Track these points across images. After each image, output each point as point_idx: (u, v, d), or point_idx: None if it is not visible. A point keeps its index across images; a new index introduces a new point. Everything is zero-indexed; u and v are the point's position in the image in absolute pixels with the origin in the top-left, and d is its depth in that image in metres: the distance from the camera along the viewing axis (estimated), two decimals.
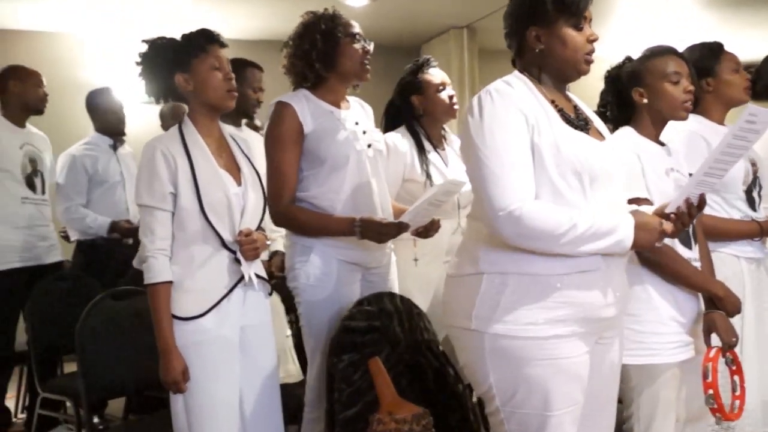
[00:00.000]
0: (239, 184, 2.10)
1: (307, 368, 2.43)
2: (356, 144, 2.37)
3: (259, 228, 2.18)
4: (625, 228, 1.59)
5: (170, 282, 2.01)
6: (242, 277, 2.08)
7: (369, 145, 2.42)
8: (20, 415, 3.91)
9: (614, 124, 2.18)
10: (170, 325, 2.00)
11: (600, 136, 1.79)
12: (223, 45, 2.11)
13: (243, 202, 2.09)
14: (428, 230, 2.42)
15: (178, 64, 2.06)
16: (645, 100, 2.09)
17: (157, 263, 2.00)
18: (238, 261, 2.06)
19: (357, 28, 2.42)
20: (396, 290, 2.53)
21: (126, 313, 2.71)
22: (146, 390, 2.85)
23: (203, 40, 2.08)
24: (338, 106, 2.42)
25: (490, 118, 1.62)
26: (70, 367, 3.71)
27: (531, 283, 1.61)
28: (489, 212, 1.59)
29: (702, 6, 6.07)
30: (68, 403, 3.23)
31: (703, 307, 2.08)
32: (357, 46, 2.38)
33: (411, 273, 2.62)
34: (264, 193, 2.19)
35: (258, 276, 2.14)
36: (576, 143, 1.65)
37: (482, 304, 1.63)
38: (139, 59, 2.10)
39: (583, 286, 1.62)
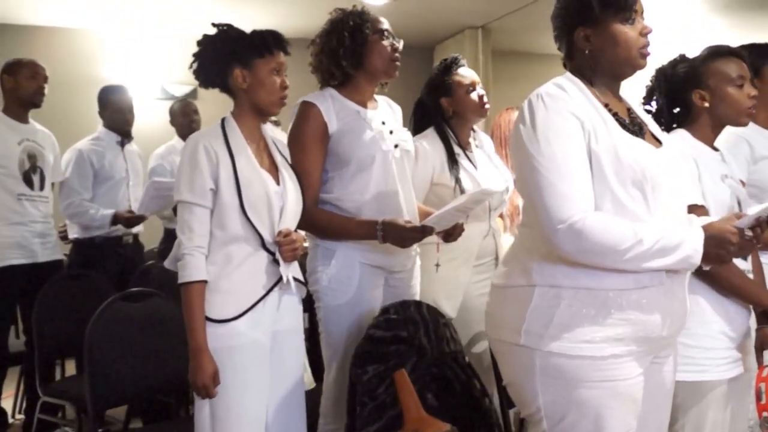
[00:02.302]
0: (278, 183, 2.05)
1: (324, 376, 2.34)
2: (382, 144, 2.29)
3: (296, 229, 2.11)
4: (693, 242, 1.48)
5: (205, 281, 1.94)
6: (279, 279, 2.02)
7: (396, 146, 2.33)
8: (17, 416, 3.85)
9: (664, 124, 2.06)
10: (203, 326, 1.92)
11: (656, 141, 1.68)
12: (287, 53, 2.06)
13: (282, 202, 2.03)
14: (451, 234, 2.32)
15: (241, 58, 2.01)
16: (706, 104, 1.99)
17: (194, 261, 1.93)
18: (276, 262, 2.00)
19: (386, 25, 2.34)
20: (418, 295, 2.44)
21: (137, 316, 2.63)
22: (154, 396, 2.77)
23: (272, 42, 2.03)
24: (365, 105, 2.34)
25: (544, 124, 1.51)
26: (69, 368, 3.64)
27: (587, 299, 1.51)
28: (547, 225, 1.49)
29: (710, 8, 6.00)
30: (67, 407, 3.15)
31: (753, 321, 1.98)
32: (386, 43, 2.31)
33: (437, 277, 2.52)
34: (302, 194, 2.13)
35: (295, 279, 2.08)
36: (635, 150, 1.54)
37: (534, 319, 1.53)
38: (201, 41, 2.06)
39: (643, 302, 1.51)
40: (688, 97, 2.01)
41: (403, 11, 5.51)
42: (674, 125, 2.07)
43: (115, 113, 3.80)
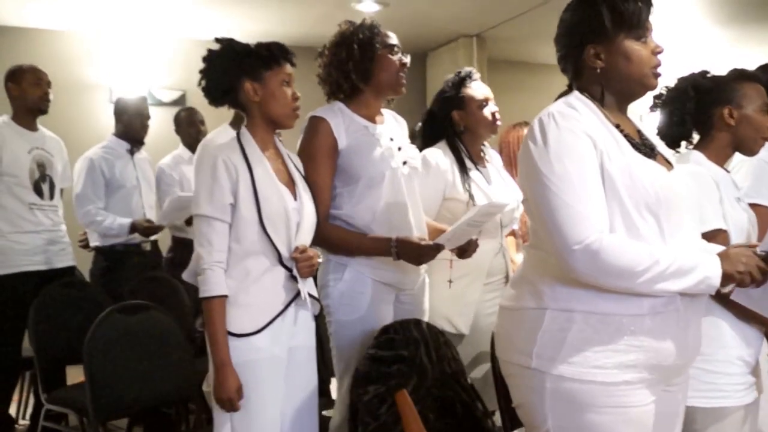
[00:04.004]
0: (295, 198, 2.05)
1: (337, 389, 2.34)
2: (391, 161, 2.29)
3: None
4: (711, 263, 1.47)
5: (226, 296, 1.95)
6: (297, 295, 2.02)
7: (404, 162, 2.32)
8: (22, 421, 3.84)
9: (670, 137, 2.06)
10: (226, 341, 1.94)
11: (667, 164, 1.66)
12: (293, 64, 2.07)
13: (299, 217, 2.03)
14: (465, 251, 2.33)
15: (250, 71, 2.01)
16: (732, 122, 1.97)
17: (214, 276, 1.94)
18: (294, 278, 2.01)
19: (394, 39, 2.34)
20: (427, 314, 2.44)
21: (136, 328, 2.62)
22: (156, 408, 2.76)
23: (279, 54, 2.03)
24: (373, 120, 2.33)
25: (556, 143, 1.49)
26: (73, 374, 3.61)
27: (600, 323, 1.49)
28: (561, 246, 1.46)
29: (714, 22, 6.03)
30: (71, 415, 3.14)
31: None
32: (394, 57, 2.31)
33: (447, 295, 2.52)
34: (317, 209, 2.13)
35: (310, 295, 2.09)
36: (649, 171, 1.53)
37: (545, 342, 1.52)
38: (207, 57, 2.04)
39: (657, 329, 1.50)
40: (711, 112, 2.00)
41: (394, 18, 5.47)
42: (680, 140, 2.07)
43: (135, 117, 3.84)
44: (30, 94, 3.39)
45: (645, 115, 2.18)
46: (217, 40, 2.07)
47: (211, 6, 5.28)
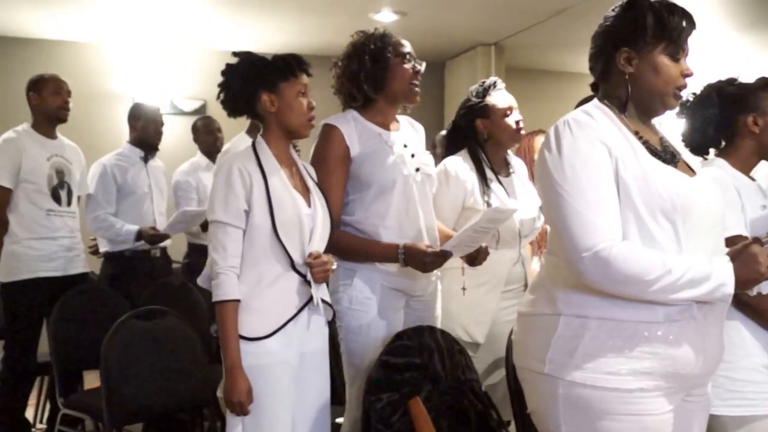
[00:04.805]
0: (309, 205, 2.08)
1: (347, 396, 2.34)
2: (403, 168, 2.29)
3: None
4: (723, 271, 1.44)
5: (238, 300, 1.98)
6: (309, 300, 2.05)
7: (417, 169, 2.32)
8: (39, 425, 3.88)
9: (696, 142, 2.06)
10: (237, 344, 1.96)
11: (690, 170, 1.64)
12: (309, 74, 2.11)
13: (313, 224, 2.06)
14: (476, 258, 2.32)
15: (267, 83, 2.06)
16: (757, 129, 1.98)
17: (228, 280, 1.97)
18: (308, 283, 2.04)
19: (408, 48, 2.34)
20: (439, 321, 2.43)
21: (152, 334, 2.64)
22: (170, 413, 2.78)
23: (295, 65, 2.07)
24: (387, 127, 2.34)
25: (570, 151, 1.50)
26: (91, 379, 3.64)
27: (613, 330, 1.48)
28: (572, 253, 1.47)
29: (736, 28, 5.97)
30: (86, 420, 3.16)
31: None
32: (407, 66, 2.31)
33: (463, 303, 2.51)
34: (331, 216, 2.15)
35: (323, 301, 2.10)
36: (666, 178, 1.51)
37: (558, 348, 1.52)
38: (225, 70, 2.09)
39: (672, 337, 1.48)
40: (736, 119, 2.01)
41: (412, 28, 5.50)
42: (706, 147, 2.06)
43: (149, 123, 3.87)
44: (50, 103, 3.44)
45: (665, 122, 2.17)
46: (235, 54, 2.11)
47: (232, 17, 5.33)
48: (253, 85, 2.05)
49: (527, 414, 1.69)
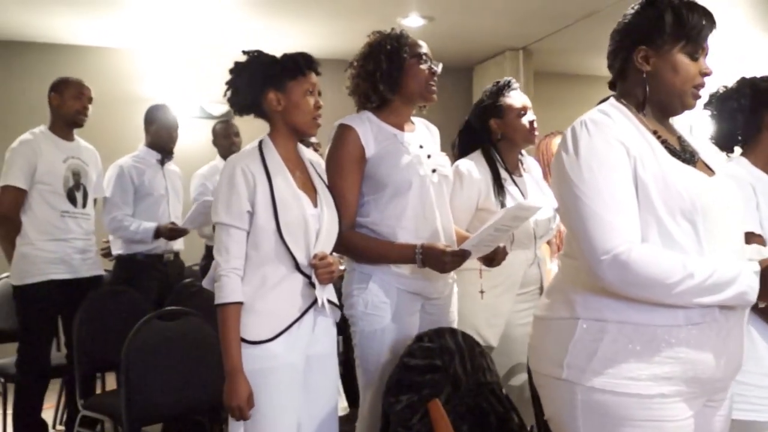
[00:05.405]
0: (315, 205, 2.05)
1: (360, 402, 2.31)
2: (420, 169, 2.26)
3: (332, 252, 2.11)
4: (748, 278, 1.41)
5: (241, 303, 1.95)
6: (314, 302, 2.01)
7: (433, 170, 2.29)
8: (58, 427, 3.92)
9: (722, 137, 2.04)
10: (239, 348, 1.93)
11: (709, 170, 1.60)
12: (318, 73, 2.08)
13: (318, 225, 2.03)
14: (493, 259, 2.27)
15: (274, 82, 2.03)
16: None
17: (230, 282, 1.94)
18: (312, 285, 2.00)
19: (424, 48, 2.31)
20: (456, 323, 2.39)
21: (173, 335, 2.65)
22: (189, 415, 2.78)
23: (303, 63, 2.05)
24: (402, 128, 2.31)
25: (588, 151, 1.46)
26: (112, 380, 3.67)
27: (633, 334, 1.44)
28: (590, 256, 1.43)
29: (763, 27, 5.86)
30: (106, 421, 3.18)
31: None
32: (423, 66, 2.28)
33: (478, 305, 2.48)
34: (339, 216, 2.12)
35: (329, 302, 2.07)
36: (686, 177, 1.48)
37: (576, 353, 1.48)
38: (234, 68, 2.08)
39: (694, 341, 1.44)
40: (762, 113, 1.99)
41: (440, 33, 5.50)
42: (732, 143, 2.04)
43: (162, 129, 3.87)
44: (69, 106, 3.45)
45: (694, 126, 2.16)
46: (245, 52, 2.10)
47: (262, 21, 5.38)
48: (260, 82, 2.03)
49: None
